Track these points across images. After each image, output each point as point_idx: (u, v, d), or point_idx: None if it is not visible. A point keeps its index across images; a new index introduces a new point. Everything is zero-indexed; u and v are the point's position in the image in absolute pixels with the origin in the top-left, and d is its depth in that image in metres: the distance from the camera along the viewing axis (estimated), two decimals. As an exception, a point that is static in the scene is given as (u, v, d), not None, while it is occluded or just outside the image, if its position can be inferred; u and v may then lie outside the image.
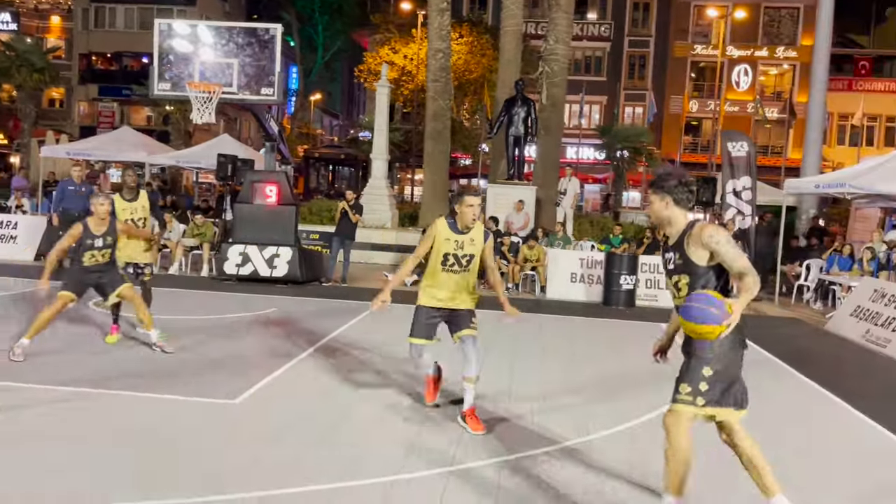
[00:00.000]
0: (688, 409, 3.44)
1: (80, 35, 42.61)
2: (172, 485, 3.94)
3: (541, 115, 17.62)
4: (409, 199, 32.85)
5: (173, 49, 11.27)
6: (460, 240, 5.06)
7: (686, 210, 3.61)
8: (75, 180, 11.91)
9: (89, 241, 6.48)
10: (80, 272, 6.58)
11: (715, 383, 3.45)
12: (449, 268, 5.11)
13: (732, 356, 3.50)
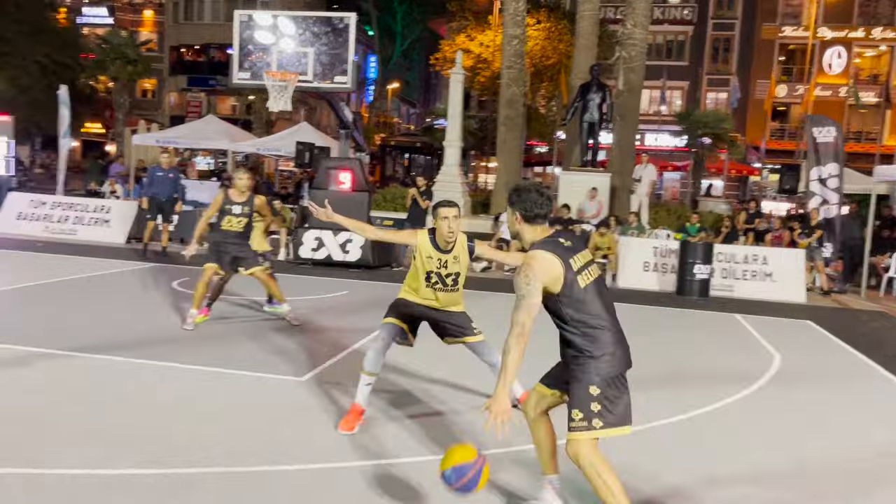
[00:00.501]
0: (583, 435, 3.19)
1: (171, 28, 44.43)
2: (233, 454, 4.15)
3: (617, 101, 17.33)
4: (483, 186, 32.86)
5: (253, 39, 11.65)
6: (443, 258, 4.62)
7: (537, 225, 3.34)
8: (163, 166, 12.52)
9: (228, 206, 7.11)
10: (218, 242, 7.19)
11: (613, 406, 3.23)
12: (433, 285, 4.72)
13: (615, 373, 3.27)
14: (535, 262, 3.17)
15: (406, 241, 4.79)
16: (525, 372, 3.61)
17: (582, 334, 3.23)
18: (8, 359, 5.72)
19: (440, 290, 4.71)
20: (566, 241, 3.27)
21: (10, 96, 29.92)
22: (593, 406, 3.17)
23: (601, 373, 3.19)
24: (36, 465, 3.80)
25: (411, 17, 47.16)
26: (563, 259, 3.17)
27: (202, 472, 3.85)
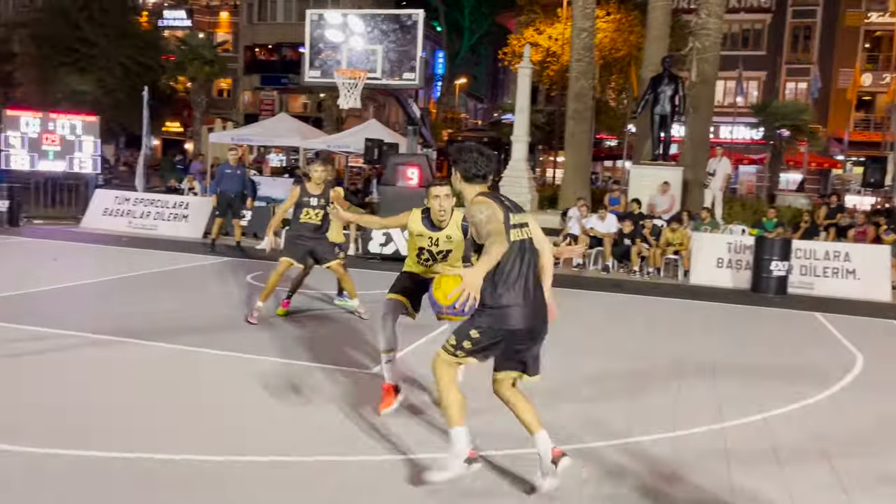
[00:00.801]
0: (448, 357, 3.63)
1: (245, 28, 45.66)
2: (309, 444, 4.26)
3: (690, 92, 16.89)
4: (550, 181, 32.57)
5: (323, 38, 11.87)
6: (434, 237, 4.67)
7: (476, 185, 3.65)
8: (231, 164, 12.91)
9: (305, 198, 7.26)
10: (295, 235, 7.33)
11: (480, 343, 3.57)
12: (424, 262, 4.82)
13: (499, 326, 3.54)
14: (487, 205, 3.49)
15: (402, 222, 4.85)
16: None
17: (490, 282, 3.47)
18: (88, 346, 6.04)
19: (431, 265, 4.81)
20: (506, 201, 3.63)
21: (96, 98, 31.40)
22: (465, 343, 3.58)
23: (489, 323, 3.53)
24: (139, 450, 3.99)
25: (479, 11, 47.03)
26: (504, 211, 3.51)
27: (285, 461, 3.98)
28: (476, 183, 3.65)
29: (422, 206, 4.80)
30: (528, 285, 3.56)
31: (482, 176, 3.64)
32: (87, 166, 16.49)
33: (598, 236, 12.99)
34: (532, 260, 3.62)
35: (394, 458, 4.12)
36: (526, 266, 3.56)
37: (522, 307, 3.52)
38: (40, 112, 16.44)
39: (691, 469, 4.17)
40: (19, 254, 11.53)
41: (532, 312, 3.56)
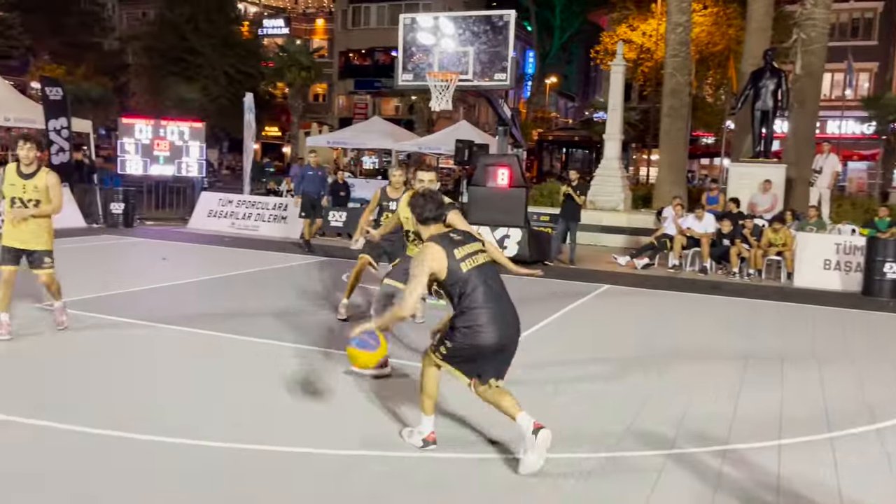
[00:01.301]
0: (431, 355, 4.06)
1: (340, 34, 46.91)
2: (387, 443, 4.35)
3: (794, 86, 16.13)
4: (643, 180, 31.82)
5: (416, 41, 12.05)
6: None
7: (430, 225, 4.14)
8: (312, 166, 13.37)
9: (385, 202, 7.39)
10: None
11: (455, 355, 3.96)
12: (412, 242, 5.80)
13: (469, 343, 3.89)
14: (426, 251, 3.92)
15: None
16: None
17: (460, 313, 3.90)
18: (190, 340, 6.38)
19: (415, 243, 5.66)
20: (455, 237, 4.01)
21: (201, 104, 33.02)
22: (442, 349, 3.99)
23: (461, 340, 3.90)
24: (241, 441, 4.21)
25: (570, 10, 46.48)
26: (447, 250, 3.89)
27: (359, 456, 4.09)
28: (430, 224, 4.12)
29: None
30: (495, 303, 3.92)
31: (433, 218, 4.12)
32: (194, 170, 17.37)
33: (695, 236, 12.60)
34: (495, 277, 4.02)
35: (477, 457, 4.15)
36: (488, 287, 3.92)
37: (491, 325, 3.86)
38: (152, 119, 17.45)
39: (797, 480, 4.00)
40: (133, 253, 12.29)
41: (502, 327, 3.91)
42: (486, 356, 3.95)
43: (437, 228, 4.12)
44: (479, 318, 3.85)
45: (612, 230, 16.13)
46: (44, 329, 6.59)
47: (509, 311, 4.00)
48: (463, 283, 3.89)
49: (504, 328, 3.93)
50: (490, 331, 3.87)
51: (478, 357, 3.96)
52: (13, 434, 4.18)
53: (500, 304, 3.96)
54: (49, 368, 5.49)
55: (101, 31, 43.32)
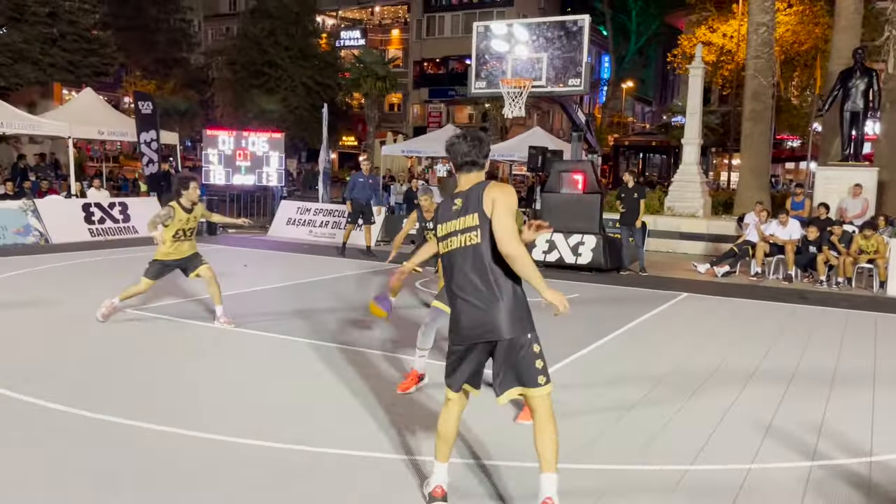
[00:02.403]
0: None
1: (415, 44, 47.50)
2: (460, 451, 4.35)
3: (886, 86, 15.42)
4: (724, 185, 30.88)
5: (489, 49, 12.09)
6: None
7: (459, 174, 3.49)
8: (364, 173, 13.54)
9: (422, 223, 7.53)
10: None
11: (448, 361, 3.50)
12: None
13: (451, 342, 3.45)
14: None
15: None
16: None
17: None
18: (264, 344, 6.57)
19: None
20: (453, 202, 3.40)
21: (281, 115, 34.04)
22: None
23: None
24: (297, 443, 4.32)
25: (647, 13, 45.66)
26: (435, 220, 3.54)
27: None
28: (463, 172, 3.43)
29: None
30: (462, 294, 3.33)
31: (465, 164, 3.39)
32: (273, 179, 17.90)
33: (779, 243, 12.13)
34: (470, 262, 3.31)
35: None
36: (456, 275, 3.36)
37: (465, 318, 3.34)
38: (234, 131, 18.10)
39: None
40: (216, 261, 12.71)
41: (470, 318, 3.32)
42: (464, 351, 3.42)
43: (463, 182, 3.43)
44: (455, 310, 3.42)
45: (691, 237, 15.74)
46: (134, 331, 6.94)
47: (486, 300, 3.31)
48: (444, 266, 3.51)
49: (471, 328, 3.35)
50: (458, 328, 3.39)
51: (462, 354, 3.45)
52: (108, 432, 4.41)
53: (475, 291, 3.32)
54: (141, 369, 5.77)
55: (188, 47, 45.26)
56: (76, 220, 14.55)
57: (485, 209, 3.24)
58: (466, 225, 3.30)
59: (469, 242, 3.30)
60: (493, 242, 3.23)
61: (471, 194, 3.31)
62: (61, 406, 4.75)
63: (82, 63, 27.15)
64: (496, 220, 3.21)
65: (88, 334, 6.83)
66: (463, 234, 3.31)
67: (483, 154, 3.37)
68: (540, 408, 3.36)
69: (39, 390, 5.03)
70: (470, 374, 3.44)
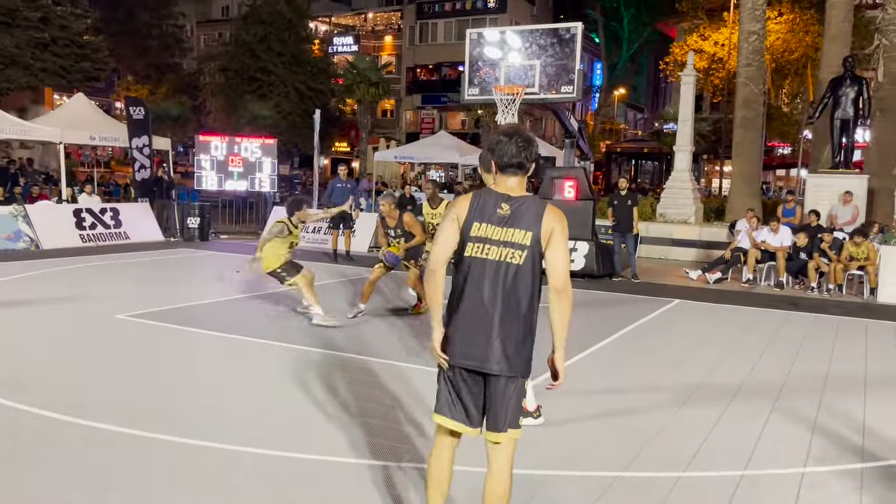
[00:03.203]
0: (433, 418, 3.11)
1: (408, 50, 47.58)
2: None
3: (876, 94, 15.53)
4: (716, 192, 31.02)
5: (482, 56, 12.11)
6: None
7: (486, 173, 3.14)
8: (342, 178, 13.64)
9: (385, 229, 8.47)
10: None
11: (438, 390, 3.08)
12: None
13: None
14: (454, 202, 3.10)
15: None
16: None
17: (448, 304, 3.03)
18: (249, 350, 6.55)
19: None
20: (489, 203, 2.96)
21: (274, 121, 33.98)
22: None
23: (444, 353, 2.99)
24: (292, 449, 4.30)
25: (639, 20, 45.89)
26: (468, 215, 2.96)
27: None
28: (506, 174, 3.00)
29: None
30: (480, 311, 2.90)
31: (511, 166, 2.96)
32: (266, 185, 17.86)
33: (771, 250, 12.19)
34: (500, 284, 2.90)
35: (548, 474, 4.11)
36: (479, 289, 2.91)
37: (463, 337, 2.93)
38: (227, 136, 18.07)
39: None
40: (209, 267, 12.70)
41: (478, 343, 2.90)
42: (455, 379, 3.00)
43: (487, 184, 3.10)
44: (455, 326, 2.97)
45: (682, 243, 15.79)
46: (130, 337, 6.90)
47: (497, 327, 2.92)
48: (459, 272, 3.01)
49: (469, 347, 2.94)
50: (454, 345, 2.96)
51: (451, 381, 3.03)
52: (97, 438, 4.39)
53: (480, 316, 2.93)
54: (124, 374, 5.74)
55: (180, 53, 45.19)
56: (67, 226, 14.48)
57: (542, 234, 2.87)
58: (514, 239, 2.88)
59: (511, 260, 2.88)
60: (534, 271, 2.91)
61: (523, 206, 2.90)
62: (56, 414, 4.72)
63: (74, 68, 27.04)
64: (554, 251, 2.88)
65: (80, 340, 6.80)
66: (506, 247, 2.88)
67: (532, 157, 2.98)
68: (502, 455, 2.98)
69: (32, 398, 5.00)
70: (471, 406, 2.98)
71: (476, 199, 2.97)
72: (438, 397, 3.02)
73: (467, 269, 2.93)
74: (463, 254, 2.95)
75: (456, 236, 2.96)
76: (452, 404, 2.97)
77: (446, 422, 2.98)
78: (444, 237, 2.98)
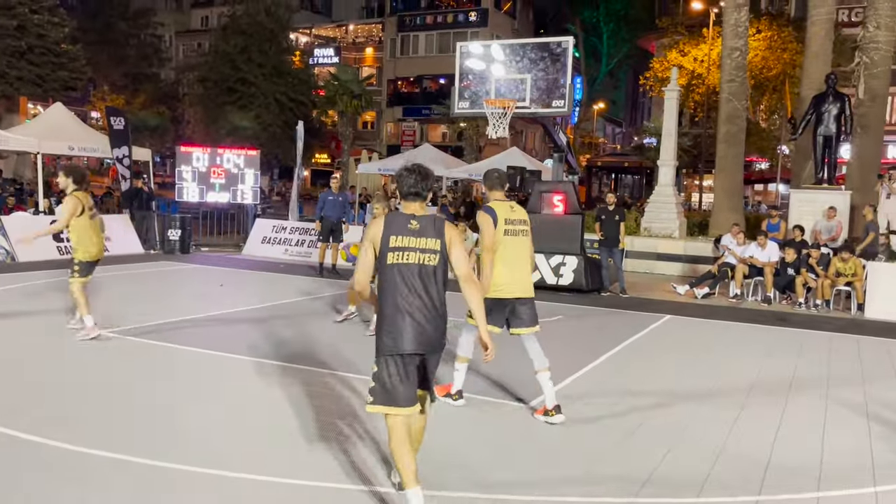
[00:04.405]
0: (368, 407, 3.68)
1: (388, 63, 47.59)
2: (479, 481, 4.20)
3: (857, 111, 15.71)
4: (695, 206, 31.29)
5: (472, 69, 12.04)
6: None
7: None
8: (334, 191, 13.44)
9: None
10: None
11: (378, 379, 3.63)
12: None
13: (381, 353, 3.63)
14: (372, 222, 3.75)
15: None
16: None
17: (381, 308, 3.65)
18: (240, 368, 6.36)
19: None
20: (410, 221, 3.64)
21: (254, 132, 33.73)
22: (370, 383, 3.65)
23: (380, 350, 3.61)
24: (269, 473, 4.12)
25: (618, 36, 46.42)
26: (385, 230, 3.61)
27: (464, 497, 3.96)
28: (408, 201, 3.74)
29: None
30: (418, 310, 3.57)
31: (410, 195, 3.72)
32: (248, 197, 17.61)
33: (758, 265, 12.21)
34: (420, 283, 3.59)
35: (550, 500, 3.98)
36: (408, 287, 3.58)
37: (411, 330, 3.56)
38: (209, 147, 17.80)
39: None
40: (191, 280, 12.44)
41: (416, 330, 3.57)
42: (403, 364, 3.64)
43: (412, 209, 3.73)
44: (398, 323, 3.59)
45: (667, 258, 15.83)
46: (104, 350, 6.67)
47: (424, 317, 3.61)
48: (383, 279, 3.66)
49: (417, 336, 3.60)
50: (403, 338, 3.59)
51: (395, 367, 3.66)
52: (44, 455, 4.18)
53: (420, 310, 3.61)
54: (97, 391, 5.52)
55: (158, 62, 44.78)
56: (44, 238, 14.10)
57: (445, 241, 3.65)
58: (427, 247, 3.62)
59: (428, 262, 3.61)
60: (444, 269, 3.67)
61: (427, 221, 3.66)
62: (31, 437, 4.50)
63: (50, 77, 26.64)
64: (457, 252, 3.69)
65: (53, 355, 6.55)
66: (423, 252, 3.61)
67: (427, 188, 3.73)
68: (425, 418, 3.81)
69: (5, 420, 4.77)
70: (420, 381, 3.67)
71: (389, 219, 3.67)
72: (379, 392, 3.59)
73: (394, 274, 3.60)
74: (385, 263, 3.61)
75: (373, 257, 3.64)
76: (397, 391, 3.56)
77: (403, 410, 3.57)
78: (367, 260, 3.67)
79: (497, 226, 5.12)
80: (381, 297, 3.63)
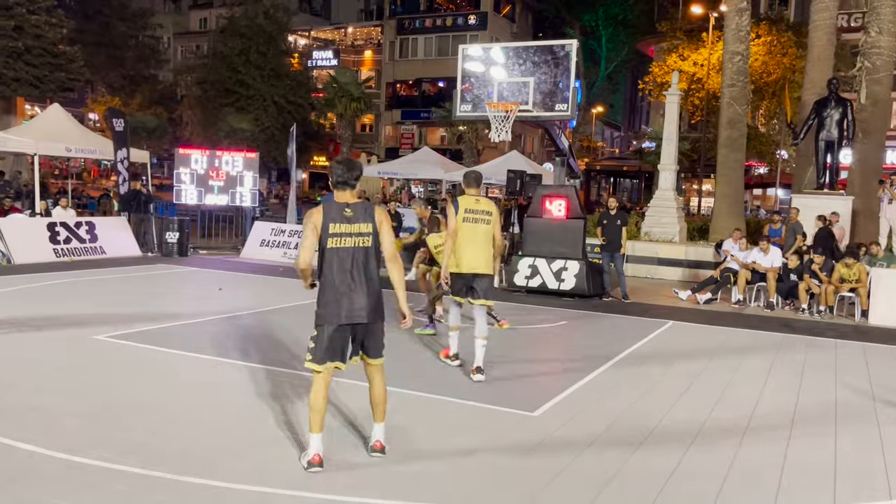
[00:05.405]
0: (306, 364, 4.30)
1: (387, 66, 47.50)
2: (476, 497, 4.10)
3: (858, 116, 15.68)
4: (695, 210, 31.26)
5: (474, 72, 11.93)
6: None
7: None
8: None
9: (421, 226, 8.68)
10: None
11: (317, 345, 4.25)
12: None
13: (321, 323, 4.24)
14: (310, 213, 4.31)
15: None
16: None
17: (321, 285, 4.25)
18: (233, 373, 6.24)
19: None
20: (346, 209, 4.22)
21: (252, 134, 33.61)
22: (308, 344, 4.27)
23: (318, 319, 4.24)
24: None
25: (617, 40, 46.41)
26: (324, 217, 4.18)
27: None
28: (339, 190, 4.30)
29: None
30: (346, 285, 4.17)
31: (340, 183, 4.28)
32: (247, 200, 17.48)
33: (761, 271, 12.12)
34: (356, 264, 4.20)
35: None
36: (344, 268, 4.18)
37: (336, 304, 4.17)
38: (207, 150, 17.67)
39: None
40: (189, 283, 12.31)
41: (349, 306, 4.18)
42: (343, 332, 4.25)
43: (343, 198, 4.28)
44: (331, 297, 4.20)
45: (668, 262, 15.73)
46: (110, 357, 6.55)
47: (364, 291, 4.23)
48: (324, 261, 4.26)
49: (347, 310, 4.20)
50: (336, 312, 4.20)
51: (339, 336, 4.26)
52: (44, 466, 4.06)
53: (357, 287, 4.21)
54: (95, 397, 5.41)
55: (156, 64, 44.62)
56: (41, 240, 14.00)
57: (376, 223, 4.24)
58: (360, 231, 4.22)
59: (362, 244, 4.23)
60: (376, 250, 4.28)
61: (359, 208, 4.25)
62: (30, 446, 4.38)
63: (48, 78, 26.49)
64: (385, 235, 4.30)
65: (54, 359, 6.43)
66: (358, 237, 4.21)
67: (354, 178, 4.26)
68: (379, 373, 4.44)
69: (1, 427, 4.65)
70: (358, 347, 4.32)
71: (326, 208, 4.23)
72: (317, 351, 4.21)
73: (332, 257, 4.21)
74: (325, 247, 4.20)
75: (316, 240, 4.20)
76: (333, 351, 4.21)
77: (328, 366, 4.21)
78: (310, 243, 4.22)
79: (458, 213, 6.30)
80: (321, 275, 4.24)
